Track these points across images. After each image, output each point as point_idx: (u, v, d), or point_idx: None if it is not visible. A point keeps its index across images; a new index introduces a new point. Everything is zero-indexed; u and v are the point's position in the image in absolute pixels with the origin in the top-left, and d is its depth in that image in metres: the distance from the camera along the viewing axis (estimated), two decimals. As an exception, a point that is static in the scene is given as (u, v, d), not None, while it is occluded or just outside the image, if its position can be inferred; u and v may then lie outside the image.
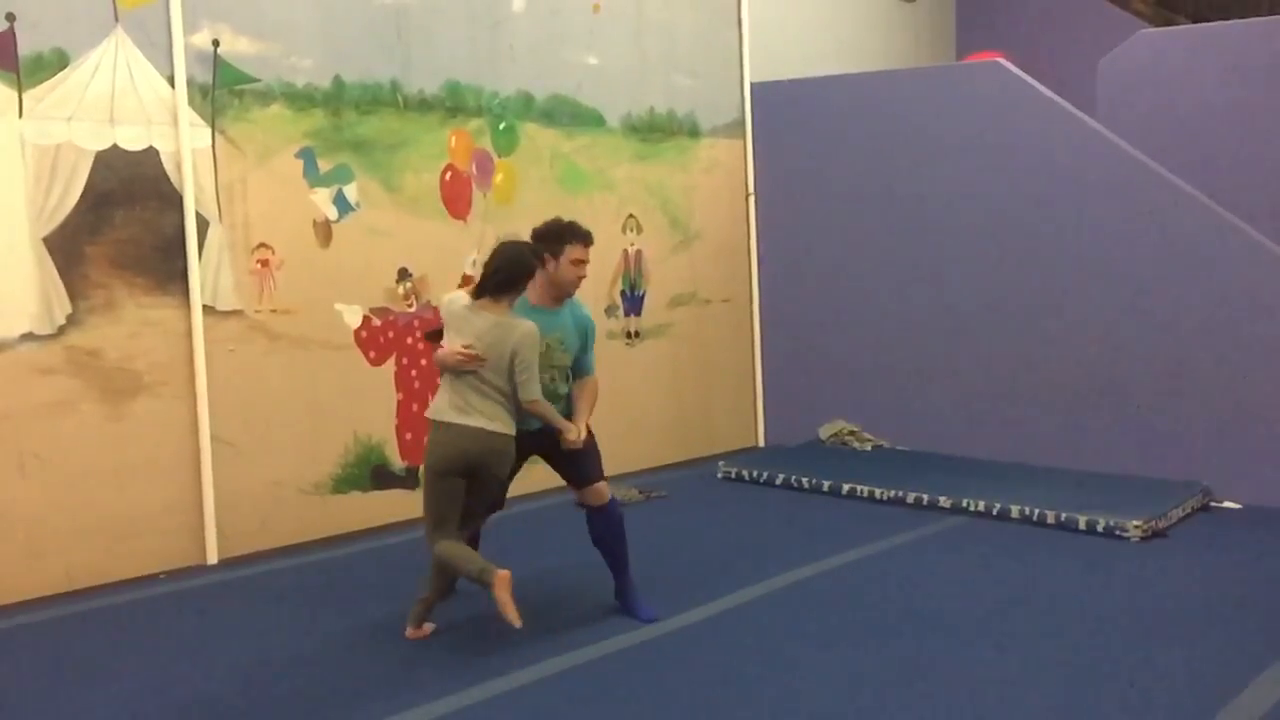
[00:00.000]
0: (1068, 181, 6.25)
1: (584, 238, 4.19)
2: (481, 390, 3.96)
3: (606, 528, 4.27)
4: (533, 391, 3.99)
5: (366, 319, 5.59)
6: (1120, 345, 6.12)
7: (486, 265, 4.06)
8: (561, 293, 4.20)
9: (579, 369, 4.27)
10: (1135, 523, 5.14)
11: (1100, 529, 5.20)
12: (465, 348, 3.93)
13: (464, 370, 3.95)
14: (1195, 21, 8.42)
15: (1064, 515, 5.33)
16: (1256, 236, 5.75)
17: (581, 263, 4.17)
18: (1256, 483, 5.71)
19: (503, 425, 3.99)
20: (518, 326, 3.98)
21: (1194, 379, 5.90)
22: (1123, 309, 6.10)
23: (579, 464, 4.22)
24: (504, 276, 3.99)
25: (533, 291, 4.16)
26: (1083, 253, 6.21)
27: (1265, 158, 6.49)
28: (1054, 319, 6.34)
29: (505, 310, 4.01)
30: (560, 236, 4.15)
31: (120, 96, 4.77)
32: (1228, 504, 5.72)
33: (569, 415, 4.19)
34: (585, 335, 4.26)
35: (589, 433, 4.22)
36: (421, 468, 4.20)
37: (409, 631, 4.10)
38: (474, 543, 4.40)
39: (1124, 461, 6.09)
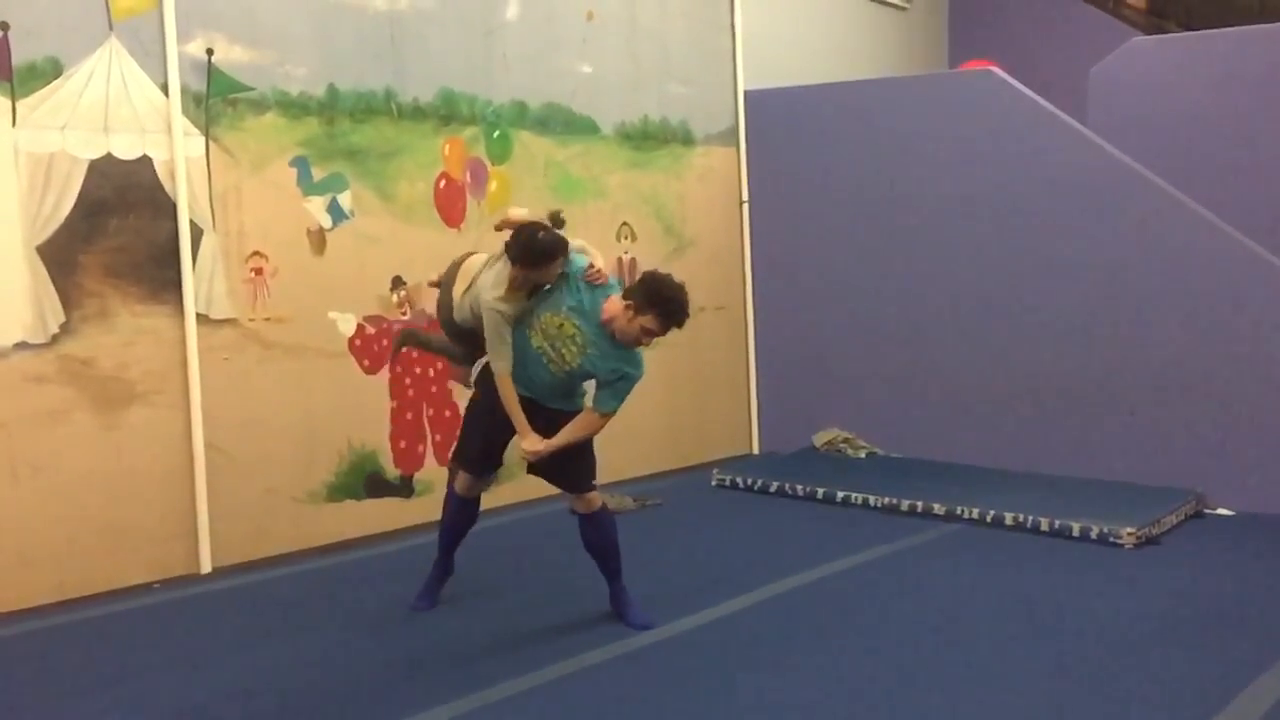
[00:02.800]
0: (1060, 188, 6.27)
1: (668, 319, 3.93)
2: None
3: (598, 534, 4.27)
4: (495, 367, 4.06)
5: (360, 327, 5.59)
6: (1113, 352, 6.14)
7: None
8: (621, 337, 4.00)
9: (595, 399, 4.09)
10: (1128, 530, 5.15)
11: (1094, 536, 5.21)
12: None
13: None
14: (1186, 29, 8.45)
15: (1058, 522, 5.34)
16: (1248, 243, 5.77)
17: (650, 334, 3.96)
18: (1249, 489, 5.73)
19: (459, 308, 4.23)
20: (486, 299, 4.04)
21: (1186, 386, 5.92)
22: (1116, 316, 6.12)
23: (566, 470, 4.20)
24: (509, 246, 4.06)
25: (608, 308, 4.01)
26: (1075, 260, 6.23)
27: (1256, 164, 6.52)
28: (1047, 326, 6.36)
29: (512, 281, 4.04)
30: (652, 302, 3.91)
31: (114, 105, 4.76)
32: (1220, 511, 5.74)
33: (557, 420, 4.12)
34: (615, 372, 4.04)
35: (589, 444, 4.19)
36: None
37: None
38: (474, 508, 4.45)
39: (1117, 468, 6.10)
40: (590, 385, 4.19)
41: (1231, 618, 4.26)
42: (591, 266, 4.08)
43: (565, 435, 4.07)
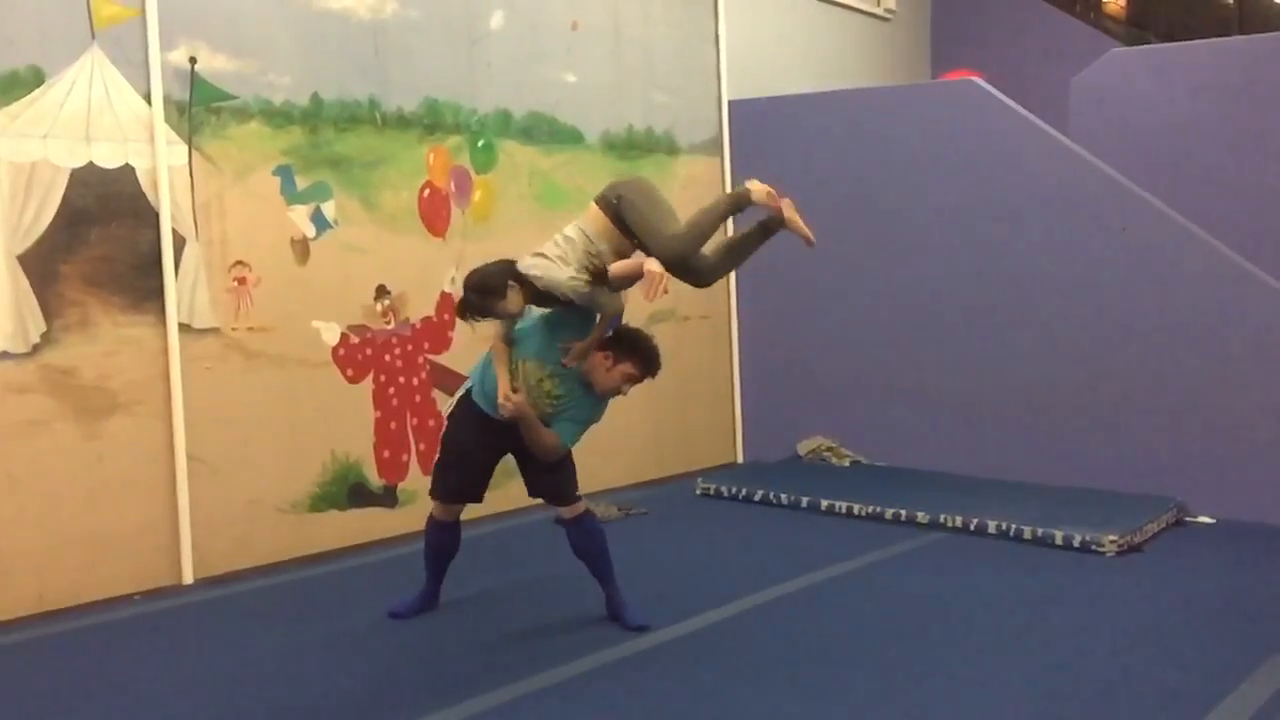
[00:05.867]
0: (1041, 198, 6.31)
1: (647, 366, 4.17)
2: None
3: (584, 540, 4.31)
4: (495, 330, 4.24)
5: (344, 336, 5.57)
6: (1093, 360, 6.18)
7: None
8: (597, 386, 4.17)
9: (559, 430, 4.21)
10: (1110, 537, 5.17)
11: (1076, 544, 5.23)
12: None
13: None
14: (1166, 41, 8.53)
15: (1040, 530, 5.37)
16: (1228, 252, 5.81)
17: (631, 379, 4.16)
18: (1230, 497, 5.76)
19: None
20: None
21: (1166, 394, 5.95)
22: (1096, 324, 6.16)
23: (548, 484, 4.30)
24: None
25: (588, 360, 4.15)
26: (1056, 268, 6.27)
27: (1234, 174, 6.58)
28: (1029, 334, 6.40)
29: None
30: (630, 352, 4.14)
31: (96, 114, 4.74)
32: (1202, 519, 5.77)
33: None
34: (584, 417, 4.24)
35: (569, 455, 4.27)
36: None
37: None
38: (455, 531, 4.44)
39: (1098, 476, 6.13)
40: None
41: (1214, 624, 4.29)
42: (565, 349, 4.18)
43: (535, 424, 4.15)
